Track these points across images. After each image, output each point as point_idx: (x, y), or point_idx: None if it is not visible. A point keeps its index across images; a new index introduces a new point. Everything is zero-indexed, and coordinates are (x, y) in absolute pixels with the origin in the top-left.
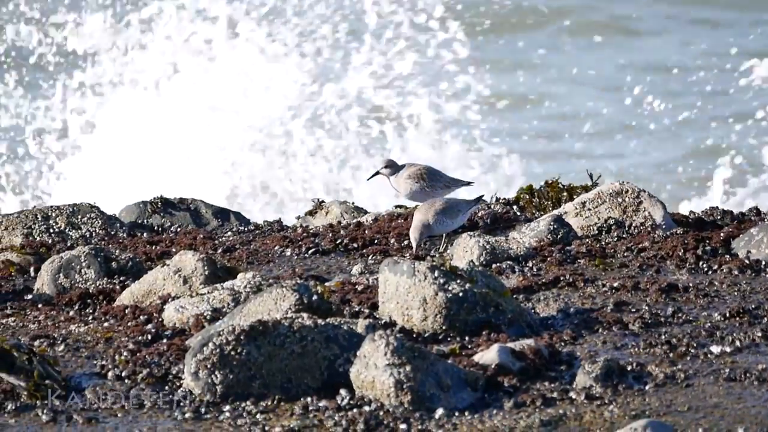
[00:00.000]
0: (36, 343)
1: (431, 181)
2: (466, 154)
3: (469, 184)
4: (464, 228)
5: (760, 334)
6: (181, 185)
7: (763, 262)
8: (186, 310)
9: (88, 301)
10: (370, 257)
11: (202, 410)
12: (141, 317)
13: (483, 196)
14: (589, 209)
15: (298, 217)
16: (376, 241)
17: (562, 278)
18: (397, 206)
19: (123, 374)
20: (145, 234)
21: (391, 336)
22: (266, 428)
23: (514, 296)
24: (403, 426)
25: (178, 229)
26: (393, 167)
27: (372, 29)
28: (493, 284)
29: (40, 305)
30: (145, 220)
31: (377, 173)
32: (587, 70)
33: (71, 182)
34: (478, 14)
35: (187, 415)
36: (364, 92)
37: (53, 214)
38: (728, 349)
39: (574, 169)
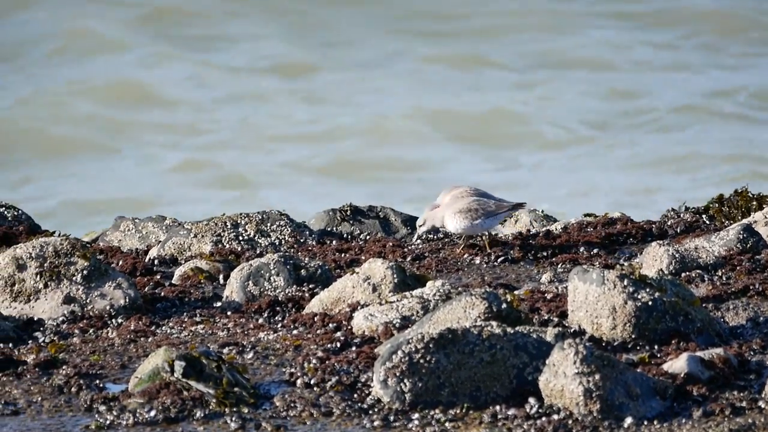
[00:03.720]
0: (225, 350)
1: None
2: None
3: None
4: (654, 237)
5: None
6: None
7: None
8: (375, 317)
9: (277, 308)
10: (559, 265)
11: (391, 418)
12: (330, 325)
13: (524, 204)
14: None
15: None
16: (565, 250)
17: (751, 287)
18: (586, 215)
19: (312, 382)
20: (334, 242)
21: (581, 345)
22: None
23: (704, 305)
24: None
25: (368, 237)
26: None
27: None
28: (682, 293)
29: (229, 313)
30: (334, 228)
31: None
32: None
33: None
34: None
35: (376, 423)
36: None
37: (242, 222)
38: None
39: None
